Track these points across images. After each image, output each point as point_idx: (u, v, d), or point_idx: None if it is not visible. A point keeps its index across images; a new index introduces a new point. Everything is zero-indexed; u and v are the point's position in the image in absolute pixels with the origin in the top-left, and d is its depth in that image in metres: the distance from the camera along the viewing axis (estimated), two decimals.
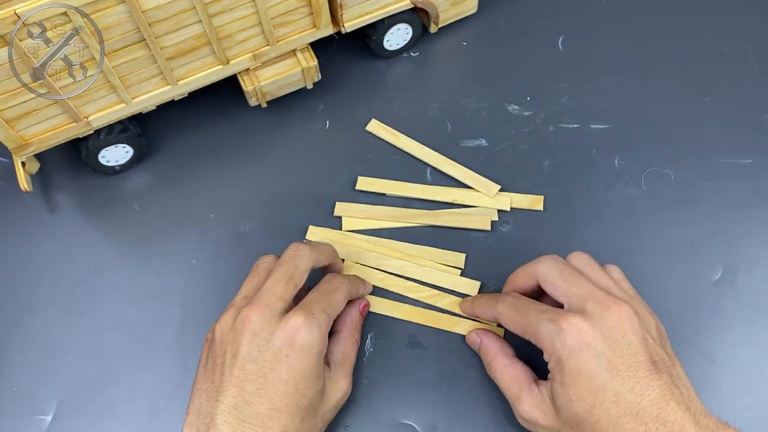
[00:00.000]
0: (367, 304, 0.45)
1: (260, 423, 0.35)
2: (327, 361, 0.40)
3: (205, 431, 0.35)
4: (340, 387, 0.40)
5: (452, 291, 0.46)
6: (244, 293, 0.40)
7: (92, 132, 0.48)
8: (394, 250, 0.48)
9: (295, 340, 0.36)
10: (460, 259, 0.47)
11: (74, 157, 0.52)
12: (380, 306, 0.46)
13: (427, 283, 0.46)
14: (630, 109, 0.53)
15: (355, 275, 0.46)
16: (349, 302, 0.44)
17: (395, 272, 0.47)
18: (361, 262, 0.47)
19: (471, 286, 0.46)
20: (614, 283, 0.39)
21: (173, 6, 0.42)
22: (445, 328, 0.45)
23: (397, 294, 0.46)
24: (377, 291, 0.46)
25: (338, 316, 0.43)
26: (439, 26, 0.57)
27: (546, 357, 0.36)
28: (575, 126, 0.53)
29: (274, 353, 0.36)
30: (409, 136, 0.52)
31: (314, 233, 0.49)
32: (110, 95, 0.46)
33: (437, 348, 0.44)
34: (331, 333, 0.42)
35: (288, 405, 0.36)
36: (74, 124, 0.46)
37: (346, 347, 0.42)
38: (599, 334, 0.35)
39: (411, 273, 0.47)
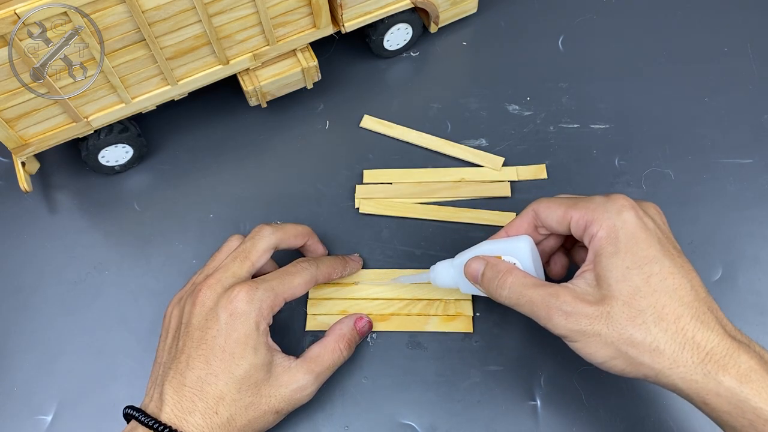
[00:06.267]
0: (369, 322, 0.44)
1: (198, 387, 0.37)
2: (298, 354, 0.40)
3: (157, 397, 0.37)
4: (296, 378, 0.39)
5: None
6: (204, 271, 0.42)
7: (92, 132, 0.48)
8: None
9: (235, 309, 0.38)
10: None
11: (74, 157, 0.52)
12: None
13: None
14: (630, 109, 0.53)
15: (335, 257, 0.45)
16: (348, 315, 0.44)
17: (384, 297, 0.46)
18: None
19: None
20: None
21: (173, 6, 0.42)
22: (437, 330, 0.45)
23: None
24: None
25: (332, 325, 0.43)
26: (439, 26, 0.57)
27: (594, 230, 0.35)
28: (575, 126, 0.53)
29: (217, 322, 0.38)
30: None
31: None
32: (110, 95, 0.46)
33: (437, 348, 0.44)
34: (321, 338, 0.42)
35: (224, 371, 0.37)
36: (74, 124, 0.46)
37: (324, 350, 0.41)
38: (647, 215, 0.36)
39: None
